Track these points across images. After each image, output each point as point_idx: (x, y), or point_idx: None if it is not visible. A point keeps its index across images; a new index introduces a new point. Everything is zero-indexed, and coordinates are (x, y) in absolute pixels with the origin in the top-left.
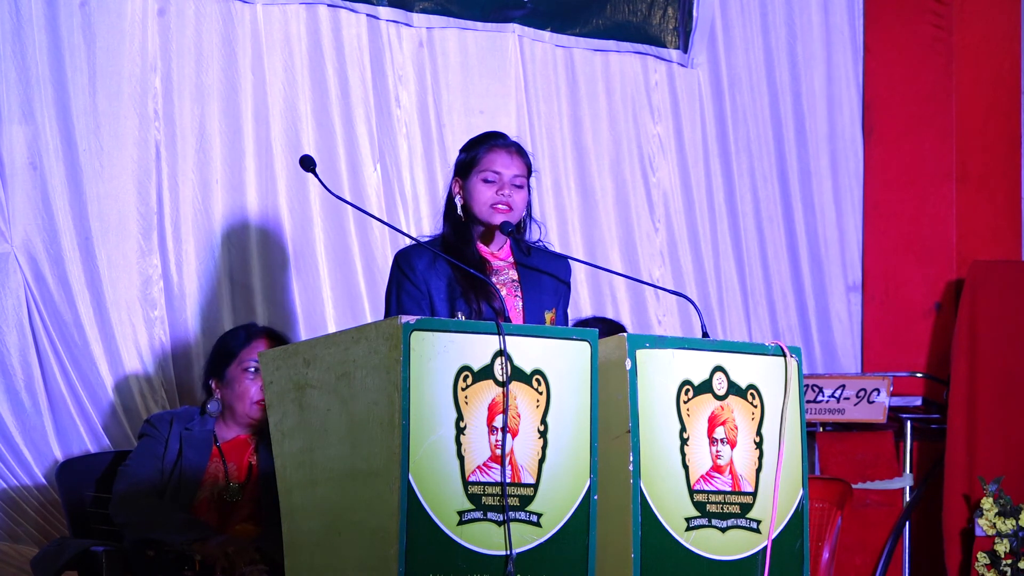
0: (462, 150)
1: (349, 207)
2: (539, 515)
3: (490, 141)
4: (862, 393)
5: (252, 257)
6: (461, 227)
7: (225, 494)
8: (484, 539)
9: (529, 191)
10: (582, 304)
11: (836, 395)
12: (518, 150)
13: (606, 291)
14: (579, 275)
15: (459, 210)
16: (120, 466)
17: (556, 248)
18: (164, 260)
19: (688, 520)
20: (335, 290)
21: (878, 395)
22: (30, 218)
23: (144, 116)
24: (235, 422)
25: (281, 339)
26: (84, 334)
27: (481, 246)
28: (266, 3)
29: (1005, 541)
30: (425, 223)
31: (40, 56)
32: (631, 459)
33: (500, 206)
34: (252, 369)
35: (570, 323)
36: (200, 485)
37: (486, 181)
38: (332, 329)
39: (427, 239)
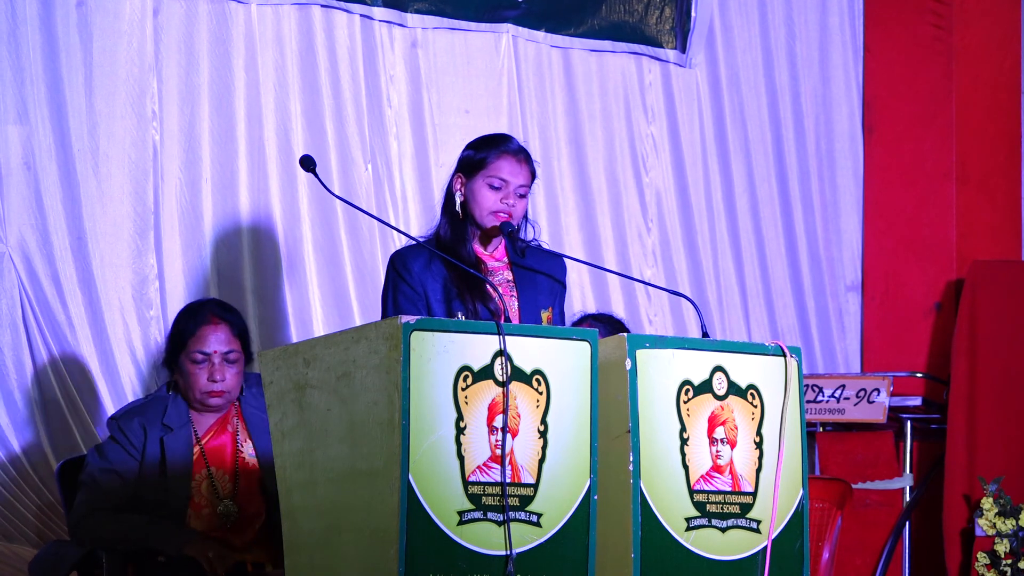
0: (471, 147)
1: (340, 207)
2: (539, 515)
3: (501, 146)
4: (862, 393)
5: (243, 256)
6: (458, 224)
7: (224, 511)
8: (484, 539)
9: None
10: (587, 302)
11: (836, 395)
12: (527, 158)
13: (599, 289)
14: (582, 274)
15: (457, 206)
16: (83, 476)
17: (549, 246)
18: (160, 260)
19: (688, 520)
20: (323, 289)
21: (878, 395)
22: (24, 218)
23: (142, 116)
24: (196, 406)
25: (232, 319)
26: (76, 334)
27: (478, 248)
28: (260, 3)
29: (1005, 541)
30: (415, 223)
31: (35, 56)
32: (631, 459)
33: (501, 214)
34: (199, 359)
35: (571, 320)
36: (197, 513)
37: (491, 187)
38: (322, 329)
39: (422, 238)
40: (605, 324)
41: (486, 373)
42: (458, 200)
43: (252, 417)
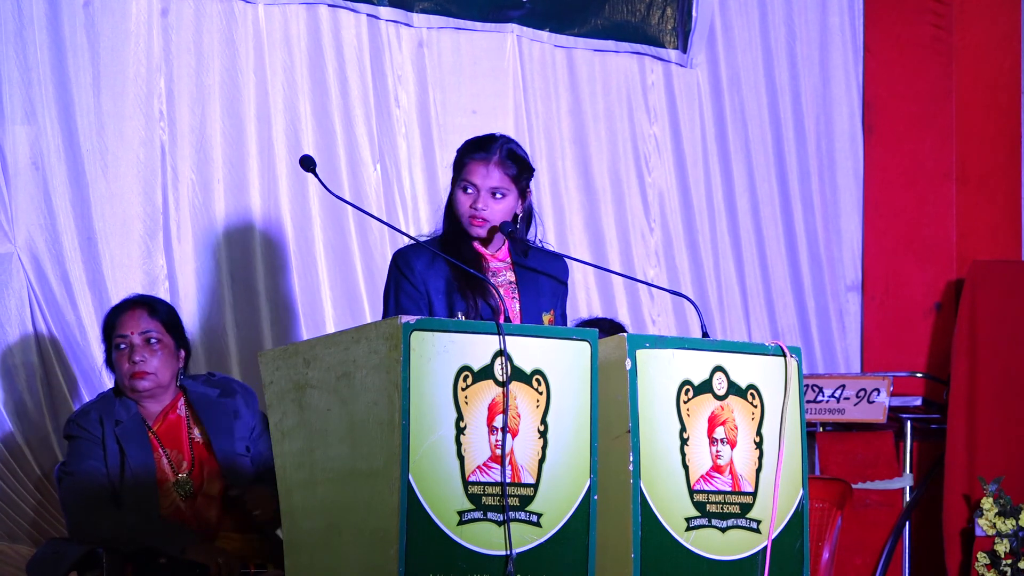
0: (457, 150)
1: (349, 207)
2: (539, 515)
3: (473, 149)
4: (862, 393)
5: (255, 257)
6: (458, 226)
7: (180, 490)
8: (484, 539)
9: (522, 195)
10: (592, 304)
11: (836, 395)
12: (500, 159)
13: (603, 290)
14: (587, 275)
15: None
16: (63, 475)
17: (554, 247)
18: (169, 260)
19: (688, 520)
20: (335, 290)
21: (878, 395)
22: (33, 218)
23: (150, 116)
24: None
25: (152, 304)
26: (86, 334)
27: (479, 246)
28: (267, 3)
29: (1005, 541)
30: (424, 223)
31: (43, 56)
32: (631, 459)
33: (475, 219)
34: (120, 344)
35: (572, 323)
36: (160, 488)
37: (464, 191)
38: (332, 328)
39: (425, 238)
40: (604, 331)
41: (486, 373)
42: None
43: (200, 405)
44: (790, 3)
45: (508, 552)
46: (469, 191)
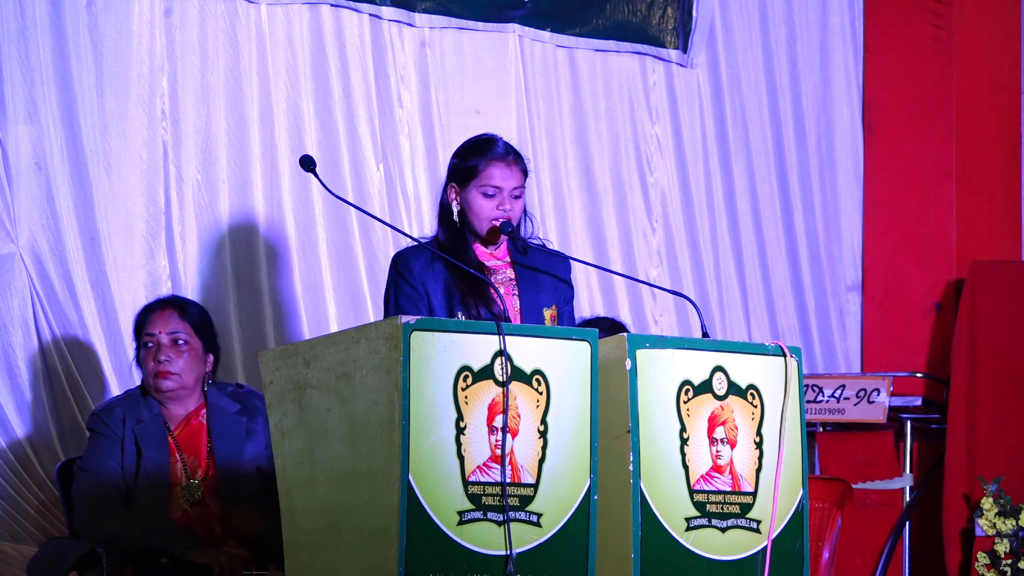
0: (458, 155)
1: (352, 208)
2: (539, 515)
3: (488, 152)
4: (862, 393)
5: (258, 257)
6: (457, 233)
7: (188, 495)
8: (484, 539)
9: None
10: (595, 304)
11: (836, 395)
12: (515, 158)
13: (605, 290)
14: (590, 275)
15: (455, 216)
16: (77, 470)
17: (555, 247)
18: (172, 260)
19: (688, 520)
20: (338, 290)
21: (878, 395)
22: (35, 218)
23: (152, 116)
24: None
25: (183, 305)
26: (89, 334)
27: (479, 249)
28: (270, 3)
29: (1005, 541)
30: (427, 222)
31: (45, 56)
32: (631, 459)
33: (498, 220)
34: (148, 343)
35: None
36: (171, 491)
37: (486, 196)
38: (335, 328)
39: (424, 240)
40: (605, 330)
41: (486, 373)
42: (455, 210)
43: (215, 416)
44: (790, 3)
45: (508, 552)
46: (492, 195)
